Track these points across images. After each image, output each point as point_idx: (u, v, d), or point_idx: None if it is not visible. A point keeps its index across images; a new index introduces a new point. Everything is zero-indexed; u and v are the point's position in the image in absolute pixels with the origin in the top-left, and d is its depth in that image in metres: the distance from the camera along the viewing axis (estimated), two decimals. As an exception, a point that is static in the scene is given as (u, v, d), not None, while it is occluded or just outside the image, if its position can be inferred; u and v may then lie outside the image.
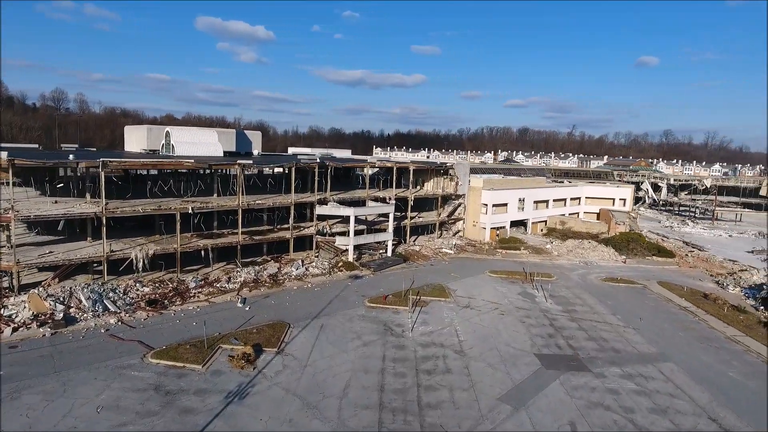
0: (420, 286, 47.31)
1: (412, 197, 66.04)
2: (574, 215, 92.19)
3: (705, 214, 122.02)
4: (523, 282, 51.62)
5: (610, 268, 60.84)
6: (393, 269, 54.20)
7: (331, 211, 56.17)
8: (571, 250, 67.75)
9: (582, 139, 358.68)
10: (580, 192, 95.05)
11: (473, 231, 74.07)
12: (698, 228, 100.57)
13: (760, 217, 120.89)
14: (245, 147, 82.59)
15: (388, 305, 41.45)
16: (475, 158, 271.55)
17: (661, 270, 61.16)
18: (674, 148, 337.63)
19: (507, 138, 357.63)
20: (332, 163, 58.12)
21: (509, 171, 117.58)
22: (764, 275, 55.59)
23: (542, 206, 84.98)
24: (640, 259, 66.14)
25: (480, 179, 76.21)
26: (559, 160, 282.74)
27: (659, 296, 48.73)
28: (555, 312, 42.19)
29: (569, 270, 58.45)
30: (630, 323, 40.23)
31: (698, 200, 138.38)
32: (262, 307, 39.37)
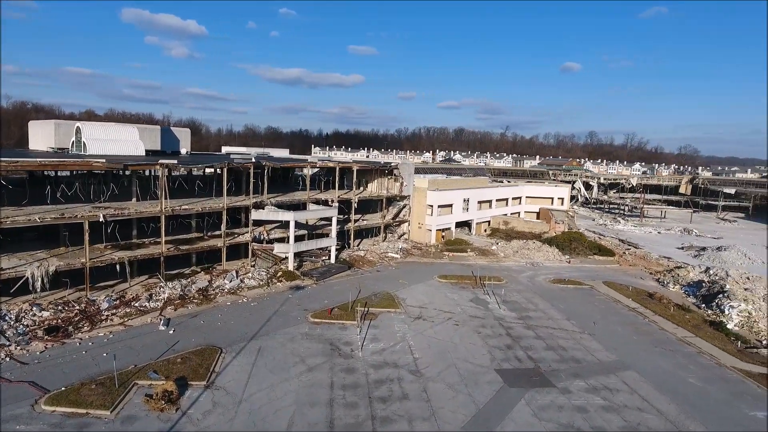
0: (368, 296, 43.94)
1: (356, 199, 62.55)
2: (515, 215, 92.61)
3: (633, 212, 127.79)
4: (473, 287, 49.62)
5: (556, 268, 60.51)
6: (337, 277, 50.43)
7: (269, 216, 51.47)
8: (517, 251, 67.08)
9: (515, 140, 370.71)
10: (521, 191, 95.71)
11: (419, 233, 71.74)
12: (629, 225, 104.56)
13: (682, 213, 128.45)
14: (172, 145, 75.43)
15: (334, 320, 37.69)
16: (414, 158, 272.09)
17: (604, 269, 61.67)
18: (598, 149, 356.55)
19: (444, 138, 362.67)
20: (269, 163, 53.37)
21: (451, 171, 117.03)
22: (699, 272, 57.25)
23: (485, 206, 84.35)
24: (582, 258, 66.59)
25: (425, 180, 74.05)
26: (495, 159, 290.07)
27: (607, 297, 48.40)
28: (510, 319, 40.28)
29: (517, 272, 57.36)
30: (585, 328, 39.05)
31: (626, 198, 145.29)
32: (189, 329, 34.30)
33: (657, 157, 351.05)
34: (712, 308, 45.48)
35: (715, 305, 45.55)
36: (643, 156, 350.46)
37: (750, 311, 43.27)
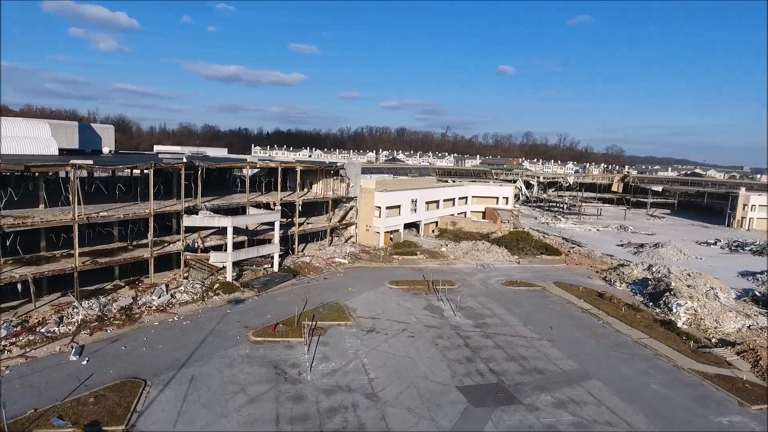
0: (315, 307, 40.55)
1: (300, 201, 58.73)
2: (462, 215, 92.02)
3: (571, 210, 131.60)
4: (426, 293, 47.43)
5: (507, 269, 59.72)
6: (281, 287, 46.55)
7: (204, 222, 46.72)
8: (467, 253, 65.86)
9: (455, 140, 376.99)
10: (468, 191, 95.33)
11: (366, 236, 68.92)
12: (570, 223, 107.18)
13: (616, 211, 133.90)
14: (92, 144, 68.16)
15: (279, 338, 34.03)
16: (358, 157, 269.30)
17: (553, 269, 61.64)
18: (534, 148, 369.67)
19: (386, 138, 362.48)
20: (203, 164, 48.48)
21: (397, 171, 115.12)
22: (643, 270, 58.39)
23: (433, 207, 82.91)
24: (531, 258, 66.44)
25: (372, 180, 71.33)
26: (437, 159, 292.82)
27: (560, 299, 47.79)
28: (467, 328, 38.30)
29: (469, 275, 55.88)
30: (543, 334, 37.78)
31: (564, 196, 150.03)
32: (107, 358, 29.49)
33: (587, 156, 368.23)
34: (660, 307, 45.91)
35: (662, 303, 46.01)
36: (574, 156, 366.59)
37: (696, 309, 43.93)
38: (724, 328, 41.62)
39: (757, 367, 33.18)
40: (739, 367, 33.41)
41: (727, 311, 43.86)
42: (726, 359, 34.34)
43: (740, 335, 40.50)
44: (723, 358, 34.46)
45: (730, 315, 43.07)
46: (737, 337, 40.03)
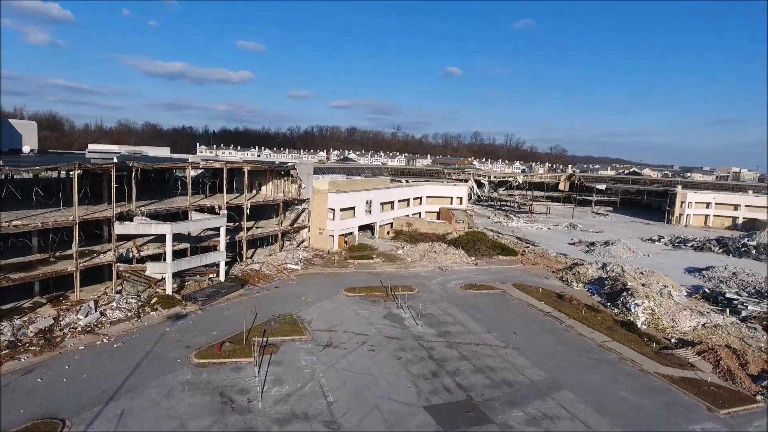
0: (266, 321, 37.27)
1: (248, 204, 54.84)
2: (416, 215, 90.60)
3: (521, 208, 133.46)
4: (385, 300, 45.11)
5: (465, 272, 58.47)
6: (229, 299, 42.79)
7: (139, 229, 42.19)
8: (424, 255, 64.15)
9: (406, 139, 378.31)
10: (422, 191, 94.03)
11: (320, 239, 65.81)
12: (521, 222, 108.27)
13: (564, 209, 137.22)
14: (10, 142, 61.18)
15: (225, 358, 30.61)
16: (309, 157, 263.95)
17: (510, 269, 61.03)
18: (482, 148, 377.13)
19: (337, 137, 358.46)
20: (138, 164, 43.80)
21: (350, 171, 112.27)
22: (597, 268, 58.80)
23: (388, 208, 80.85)
24: (488, 259, 65.67)
25: (325, 181, 68.26)
26: (389, 158, 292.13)
27: (521, 301, 46.82)
28: (429, 338, 36.27)
29: (427, 278, 54.10)
30: (508, 341, 36.36)
31: (515, 195, 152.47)
32: (18, 394, 25.11)
33: (532, 156, 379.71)
34: (618, 307, 45.85)
35: (620, 304, 45.99)
36: (521, 155, 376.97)
37: (653, 308, 44.12)
38: (681, 327, 41.92)
39: (718, 368, 33.13)
40: (701, 368, 33.26)
41: (681, 310, 44.32)
42: (688, 360, 34.17)
43: (696, 333, 40.86)
44: (685, 360, 34.27)
45: (685, 313, 43.51)
46: (694, 335, 40.34)
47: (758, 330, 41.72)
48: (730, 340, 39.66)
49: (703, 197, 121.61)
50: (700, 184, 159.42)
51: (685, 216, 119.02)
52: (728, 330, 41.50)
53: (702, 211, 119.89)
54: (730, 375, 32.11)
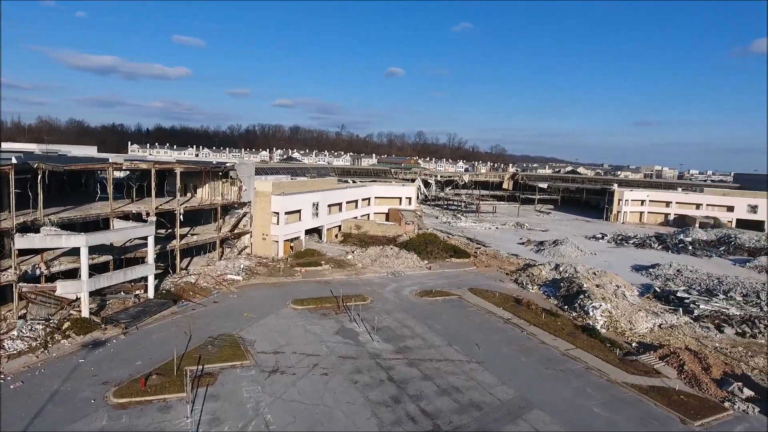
0: (202, 344, 32.75)
1: (181, 209, 49.42)
2: (365, 217, 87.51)
3: (468, 208, 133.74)
4: (336, 312, 41.57)
5: (419, 276, 55.96)
6: (158, 319, 37.66)
7: (47, 242, 36.19)
8: (375, 260, 61.03)
9: (350, 139, 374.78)
10: (371, 192, 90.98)
11: (263, 246, 61.11)
12: (470, 222, 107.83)
13: (509, 208, 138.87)
14: None
15: (151, 395, 25.98)
16: (251, 157, 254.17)
17: (464, 273, 59.20)
18: (426, 148, 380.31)
19: (280, 136, 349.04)
20: (46, 166, 37.57)
21: (295, 171, 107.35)
22: (550, 269, 58.13)
23: (336, 210, 77.19)
24: (441, 262, 63.59)
25: (268, 183, 63.51)
26: (334, 158, 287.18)
27: (479, 308, 44.77)
28: (387, 355, 33.15)
29: (380, 286, 51.04)
30: (471, 354, 33.92)
31: (461, 195, 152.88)
32: None
33: (474, 155, 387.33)
34: (576, 310, 44.85)
35: (578, 307, 45.03)
36: (463, 154, 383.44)
37: (610, 311, 43.40)
38: (638, 329, 41.37)
39: (683, 373, 32.30)
40: (666, 374, 32.32)
41: (637, 311, 43.89)
42: (653, 366, 33.17)
43: (654, 335, 40.43)
44: (650, 366, 33.25)
45: (641, 315, 43.08)
46: (652, 338, 39.85)
47: (711, 329, 41.95)
48: (686, 341, 39.48)
49: (638, 195, 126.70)
50: (633, 182, 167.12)
51: (623, 213, 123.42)
52: (683, 331, 41.43)
53: (637, 209, 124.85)
54: (695, 380, 31.32)
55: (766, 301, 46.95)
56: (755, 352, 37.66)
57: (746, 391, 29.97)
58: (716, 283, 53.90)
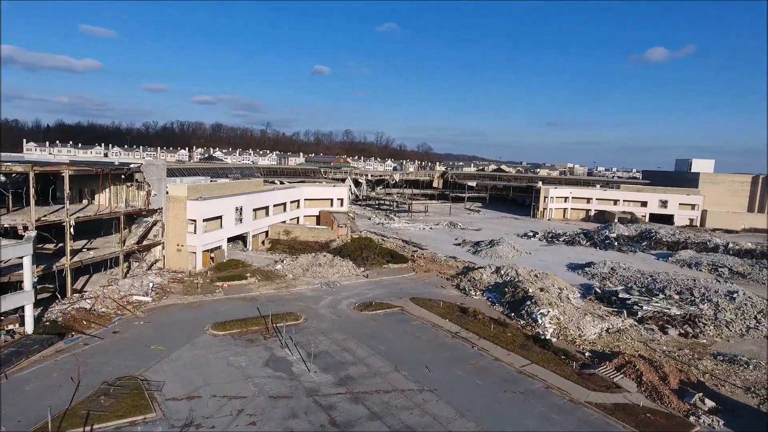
0: (94, 392, 26.16)
1: (72, 221, 41.31)
2: (294, 221, 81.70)
3: (400, 207, 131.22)
4: (265, 336, 36.08)
5: (356, 287, 51.55)
6: (37, 361, 30.18)
7: None
8: (308, 269, 55.76)
9: (276, 137, 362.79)
10: (300, 194, 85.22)
11: (178, 258, 53.75)
12: (403, 222, 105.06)
13: (440, 207, 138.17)
14: None
15: (14, 479, 19.39)
16: (168, 156, 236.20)
17: (403, 280, 55.61)
18: (354, 146, 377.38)
19: (201, 134, 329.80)
20: None
21: (216, 172, 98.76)
22: (491, 273, 56.04)
23: (262, 214, 70.84)
24: (378, 269, 59.58)
25: (183, 186, 56.01)
26: (259, 157, 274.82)
27: (423, 321, 41.17)
28: (327, 390, 28.39)
29: (315, 300, 46.01)
30: (422, 380, 30.04)
31: (393, 194, 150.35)
32: None
33: (402, 154, 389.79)
34: (523, 318, 42.60)
35: (525, 314, 42.81)
36: (391, 153, 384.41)
37: (558, 317, 41.54)
38: (587, 335, 39.78)
39: (642, 385, 30.54)
40: (627, 387, 30.38)
41: (583, 315, 42.44)
42: (613, 380, 31.14)
43: (603, 341, 38.98)
44: (609, 380, 31.20)
45: (588, 319, 41.63)
46: (601, 344, 38.34)
47: (656, 331, 41.35)
48: (635, 345, 38.37)
49: (562, 192, 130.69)
50: (556, 179, 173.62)
51: (548, 210, 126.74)
52: (630, 334, 40.45)
53: (561, 205, 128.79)
54: (656, 393, 29.61)
55: (700, 298, 47.56)
56: (701, 354, 37.26)
57: (708, 402, 28.63)
58: (650, 281, 54.41)
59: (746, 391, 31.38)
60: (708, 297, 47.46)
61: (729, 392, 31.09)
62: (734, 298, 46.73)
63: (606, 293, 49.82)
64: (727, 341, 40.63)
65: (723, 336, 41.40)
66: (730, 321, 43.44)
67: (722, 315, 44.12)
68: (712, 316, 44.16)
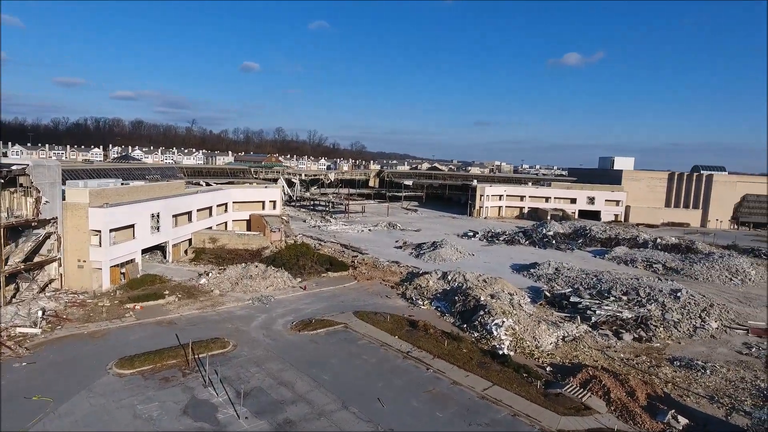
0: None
1: (-71, 238, 32.83)
2: (222, 227, 74.62)
3: (336, 208, 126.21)
4: (184, 372, 30.16)
5: (293, 301, 46.36)
6: None
7: None
8: (237, 283, 49.69)
9: (203, 135, 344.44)
10: (227, 196, 78.00)
11: (80, 276, 45.76)
12: (340, 224, 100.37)
13: (378, 207, 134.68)
14: None
15: None
16: (78, 155, 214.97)
17: (344, 290, 51.11)
18: (286, 145, 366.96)
19: (119, 131, 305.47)
20: None
21: (130, 173, 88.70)
22: (438, 278, 52.91)
23: (184, 220, 63.41)
24: (316, 278, 54.61)
25: (84, 191, 47.77)
26: (184, 156, 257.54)
27: (371, 340, 36.91)
28: (262, 441, 23.33)
29: (245, 320, 40.33)
30: (375, 418, 25.72)
31: (328, 194, 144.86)
32: None
33: (336, 152, 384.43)
34: (477, 329, 39.56)
35: (479, 325, 39.81)
36: (325, 151, 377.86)
37: (513, 327, 38.87)
38: (544, 345, 37.41)
39: (612, 404, 28.19)
40: (596, 407, 27.86)
41: (537, 323, 40.12)
42: (581, 400, 28.50)
43: (561, 352, 36.75)
44: (578, 400, 28.54)
45: (543, 327, 39.35)
46: (560, 355, 36.06)
47: (610, 337, 39.83)
48: (593, 354, 36.47)
49: (497, 190, 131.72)
50: (489, 177, 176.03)
51: (485, 208, 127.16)
52: (587, 342, 38.59)
53: (496, 203, 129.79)
54: (627, 413, 27.32)
55: (646, 298, 47.07)
56: (658, 360, 36.00)
57: (681, 420, 26.68)
58: (596, 281, 53.70)
59: (711, 400, 30.05)
60: (654, 297, 47.09)
61: (695, 403, 29.58)
62: (678, 297, 46.65)
63: (556, 297, 48.19)
64: (678, 343, 39.96)
65: (674, 338, 40.74)
66: (677, 321, 43.02)
67: (669, 315, 43.66)
68: (660, 317, 43.58)
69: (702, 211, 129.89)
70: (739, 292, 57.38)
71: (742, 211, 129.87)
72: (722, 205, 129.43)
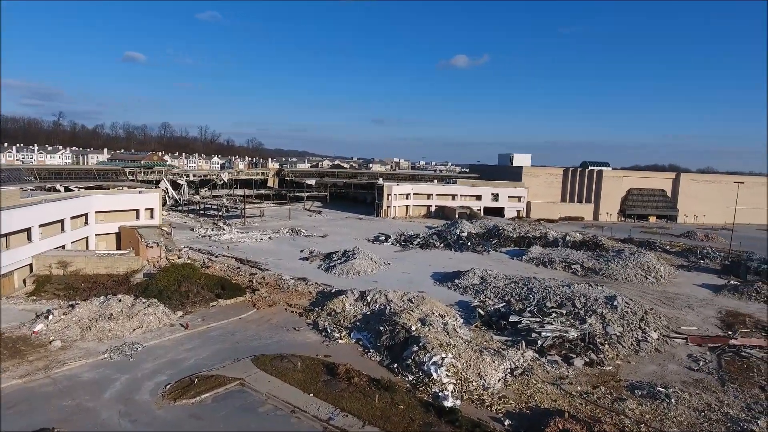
0: None
1: None
2: (80, 244, 59.68)
3: (231, 212, 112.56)
4: None
5: (170, 347, 35.17)
6: None
7: None
8: (90, 327, 37.07)
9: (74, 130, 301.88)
10: (88, 205, 62.74)
11: None
12: (235, 232, 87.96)
13: (278, 209, 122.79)
14: None
15: None
16: None
17: (241, 324, 40.78)
18: (174, 141, 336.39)
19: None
20: None
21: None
22: (355, 300, 44.52)
23: (21, 240, 48.38)
24: (204, 309, 43.47)
25: None
26: (47, 154, 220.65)
27: (277, 404, 27.50)
28: None
29: (94, 390, 28.62)
30: None
31: (221, 197, 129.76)
32: None
33: (230, 150, 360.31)
34: (411, 370, 31.85)
35: (413, 365, 32.12)
36: (218, 149, 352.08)
37: (455, 364, 31.78)
38: (492, 384, 30.77)
39: (597, 475, 22.01)
40: (580, 484, 21.46)
41: (479, 354, 33.42)
42: (561, 475, 21.98)
43: (512, 390, 30.35)
44: (557, 475, 21.99)
45: (487, 360, 32.73)
46: (514, 398, 29.53)
47: (560, 364, 34.44)
48: (549, 391, 30.56)
49: (404, 189, 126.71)
50: (395, 175, 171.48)
51: (392, 208, 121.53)
52: (538, 375, 32.70)
53: (404, 202, 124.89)
54: (619, 487, 21.23)
55: (584, 309, 42.95)
56: (617, 390, 31.11)
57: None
58: (526, 291, 48.98)
59: (692, 444, 25.29)
60: (591, 307, 43.14)
61: (679, 453, 24.55)
62: (616, 306, 43.15)
63: (492, 315, 42.29)
64: (628, 362, 35.83)
65: (622, 356, 36.61)
66: (620, 335, 39.16)
67: (611, 329, 39.69)
68: (602, 331, 39.45)
69: (594, 205, 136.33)
70: (658, 292, 56.56)
71: (628, 204, 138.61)
72: (611, 199, 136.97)
